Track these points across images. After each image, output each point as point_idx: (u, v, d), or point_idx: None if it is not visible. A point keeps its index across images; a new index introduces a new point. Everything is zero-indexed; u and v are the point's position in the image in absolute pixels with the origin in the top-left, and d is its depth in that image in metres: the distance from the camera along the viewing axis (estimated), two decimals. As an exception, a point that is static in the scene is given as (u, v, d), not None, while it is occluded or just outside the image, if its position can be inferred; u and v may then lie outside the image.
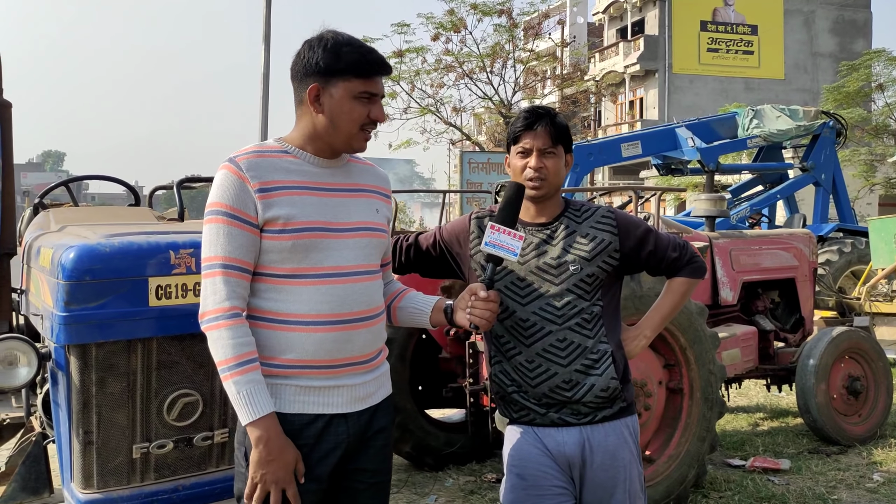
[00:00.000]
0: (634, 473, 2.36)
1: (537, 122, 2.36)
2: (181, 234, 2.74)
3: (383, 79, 2.12)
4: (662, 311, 2.52)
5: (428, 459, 5.19)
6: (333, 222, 2.07)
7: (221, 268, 1.99)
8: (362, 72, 2.04)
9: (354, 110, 2.05)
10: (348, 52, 2.04)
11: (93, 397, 2.60)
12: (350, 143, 2.10)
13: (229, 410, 2.81)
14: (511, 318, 2.35)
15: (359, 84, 2.04)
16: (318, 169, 2.11)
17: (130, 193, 4.56)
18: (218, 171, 2.05)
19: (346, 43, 2.06)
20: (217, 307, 1.97)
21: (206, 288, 2.00)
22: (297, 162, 2.09)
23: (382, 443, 2.20)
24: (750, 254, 5.76)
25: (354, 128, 2.07)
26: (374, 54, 2.08)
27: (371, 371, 2.15)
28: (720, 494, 4.61)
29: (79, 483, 2.67)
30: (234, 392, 1.96)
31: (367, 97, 2.06)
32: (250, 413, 1.95)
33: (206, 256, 2.02)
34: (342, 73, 2.03)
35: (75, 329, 2.53)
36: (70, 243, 2.61)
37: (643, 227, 2.44)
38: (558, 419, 2.32)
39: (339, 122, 2.06)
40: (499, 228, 2.22)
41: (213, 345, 1.98)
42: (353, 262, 2.09)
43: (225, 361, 1.96)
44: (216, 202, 2.01)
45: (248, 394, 1.95)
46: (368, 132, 2.10)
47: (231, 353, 1.95)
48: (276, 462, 1.96)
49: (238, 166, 2.01)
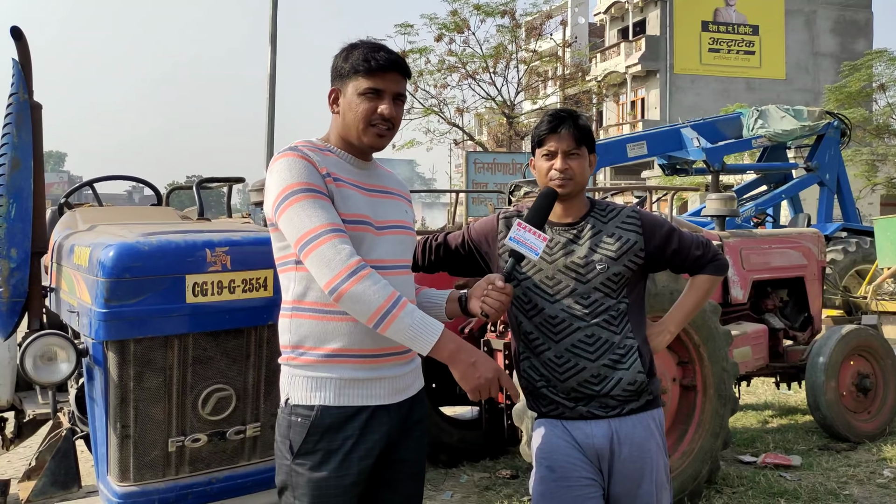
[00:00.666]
0: (661, 465, 2.42)
1: (561, 125, 2.43)
2: (216, 233, 2.81)
3: (410, 80, 2.23)
4: (686, 308, 2.59)
5: (442, 456, 5.25)
6: (375, 219, 2.15)
7: (331, 232, 1.98)
8: (364, 69, 2.13)
9: (359, 106, 2.14)
10: (356, 53, 2.15)
11: (130, 392, 2.66)
12: (361, 139, 2.17)
13: (261, 405, 2.88)
14: (540, 315, 2.42)
15: (363, 81, 2.14)
16: (358, 169, 2.21)
17: (149, 194, 4.62)
18: (278, 160, 2.09)
19: (354, 46, 2.18)
20: (347, 264, 1.96)
21: (324, 256, 1.97)
22: (339, 161, 2.18)
23: (419, 433, 2.27)
24: (760, 253, 5.82)
25: (361, 122, 2.14)
26: (380, 52, 2.16)
27: (408, 363, 2.22)
28: (733, 490, 4.67)
29: (115, 476, 2.73)
30: (403, 330, 1.97)
31: (373, 93, 2.14)
32: (431, 335, 1.99)
33: (305, 231, 1.99)
34: (350, 74, 2.15)
35: (114, 325, 2.59)
36: (108, 242, 2.67)
37: (667, 227, 2.51)
38: (587, 412, 2.39)
39: (349, 119, 2.16)
40: (526, 227, 2.28)
41: (357, 302, 1.96)
42: (393, 257, 2.17)
43: (378, 309, 1.96)
44: (293, 183, 2.03)
45: (418, 323, 1.98)
46: (380, 128, 2.16)
47: (382, 299, 1.96)
48: (479, 362, 2.02)
49: (302, 153, 2.09)
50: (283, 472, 2.12)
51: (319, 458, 2.07)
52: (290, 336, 2.13)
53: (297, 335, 2.11)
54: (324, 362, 2.09)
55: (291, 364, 2.14)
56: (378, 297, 1.96)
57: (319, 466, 2.07)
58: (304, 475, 2.08)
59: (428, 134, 24.71)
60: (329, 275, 1.97)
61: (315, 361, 2.09)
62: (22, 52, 3.25)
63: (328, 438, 2.08)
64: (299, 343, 2.11)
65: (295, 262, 2.11)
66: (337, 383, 2.09)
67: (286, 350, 2.15)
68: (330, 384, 2.09)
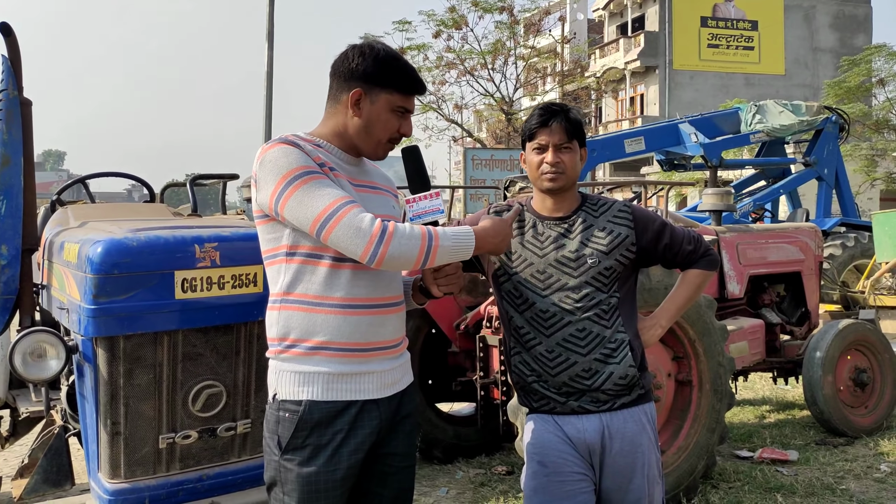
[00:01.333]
0: (653, 459, 2.42)
1: (552, 119, 2.42)
2: (205, 229, 2.79)
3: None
4: (678, 302, 2.58)
5: (437, 452, 5.24)
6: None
7: (346, 204, 1.96)
8: (405, 87, 2.15)
9: (390, 122, 2.16)
10: (397, 66, 2.15)
11: (120, 389, 2.65)
12: (376, 151, 2.20)
13: (252, 401, 2.87)
14: (531, 310, 2.41)
15: (399, 98, 2.15)
16: (350, 166, 2.20)
17: (133, 191, 4.61)
18: (268, 150, 2.05)
19: (395, 58, 2.17)
20: (373, 229, 1.93)
21: (349, 227, 1.93)
22: (329, 156, 2.16)
23: (410, 427, 2.26)
24: (757, 248, 5.80)
25: (385, 137, 2.17)
26: (417, 74, 2.20)
27: (397, 357, 2.22)
28: (730, 485, 4.66)
29: (106, 473, 2.72)
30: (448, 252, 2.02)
31: (402, 112, 2.17)
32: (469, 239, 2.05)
33: (322, 208, 1.95)
34: (386, 85, 2.13)
35: (103, 322, 2.58)
36: (97, 238, 2.66)
37: (659, 222, 2.50)
38: (578, 407, 2.38)
39: (374, 130, 2.16)
40: (414, 199, 2.18)
41: (399, 258, 1.96)
42: None
43: (420, 253, 1.97)
44: (293, 168, 2.00)
45: (454, 237, 2.02)
46: (393, 145, 2.21)
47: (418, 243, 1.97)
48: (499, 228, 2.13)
49: (293, 142, 2.07)
50: (272, 467, 2.11)
51: (309, 454, 2.07)
52: (277, 328, 2.12)
53: (284, 327, 2.10)
54: (311, 355, 2.08)
55: (279, 358, 2.13)
56: (414, 243, 1.97)
57: (309, 462, 2.06)
58: (294, 471, 2.07)
59: (426, 131, 24.69)
60: (361, 245, 1.94)
61: (302, 354, 2.08)
62: (11, 49, 3.24)
63: (317, 433, 2.07)
64: (286, 335, 2.10)
65: (286, 254, 2.09)
66: (325, 377, 2.08)
67: (273, 343, 2.14)
68: (318, 378, 2.08)
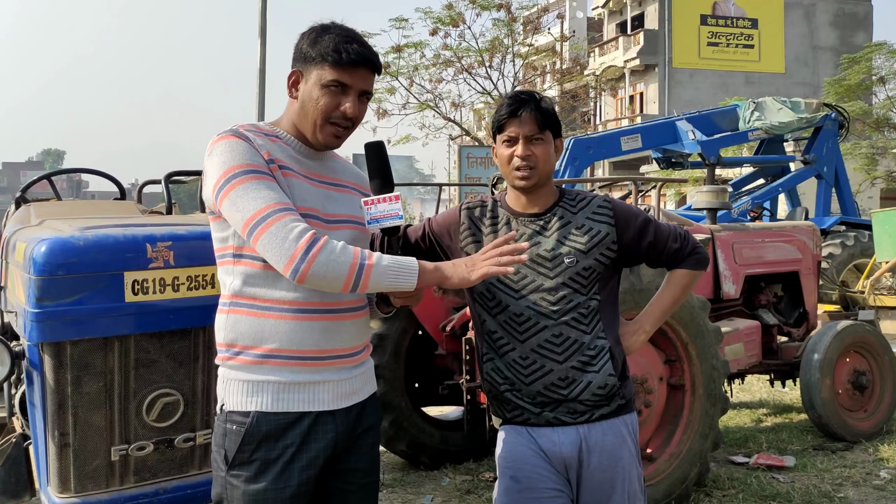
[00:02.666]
0: (634, 474, 2.25)
1: (521, 108, 2.24)
2: (160, 227, 2.63)
3: (379, 77, 2.05)
4: (663, 305, 2.41)
5: (423, 458, 5.09)
6: (323, 212, 1.99)
7: (280, 211, 1.82)
8: (333, 60, 1.95)
9: (321, 98, 1.97)
10: (327, 39, 1.97)
11: (68, 398, 2.50)
12: (315, 135, 2.01)
13: (212, 410, 2.71)
14: (504, 313, 2.25)
15: (330, 72, 1.96)
16: (306, 159, 2.05)
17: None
18: (217, 142, 1.92)
19: (330, 31, 1.99)
20: (301, 240, 1.80)
21: (276, 235, 1.80)
22: (286, 148, 2.01)
23: (372, 441, 2.11)
24: (753, 247, 5.65)
25: (319, 117, 1.98)
26: (353, 45, 1.97)
27: (357, 366, 2.06)
28: (724, 493, 4.50)
29: (55, 487, 2.57)
30: (383, 276, 1.85)
31: (337, 87, 1.97)
32: (411, 268, 1.89)
33: (253, 213, 1.82)
34: (316, 60, 1.97)
35: (49, 326, 2.42)
36: (43, 236, 2.50)
37: (642, 217, 2.33)
38: (553, 418, 2.22)
39: (307, 109, 1.99)
40: (372, 201, 2.01)
41: (324, 277, 1.81)
42: None
43: (350, 273, 1.82)
44: (234, 165, 1.87)
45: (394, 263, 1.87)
46: (339, 128, 2.00)
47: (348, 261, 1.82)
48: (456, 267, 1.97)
49: (242, 135, 1.93)
50: (219, 484, 1.96)
51: (256, 469, 1.91)
52: (225, 333, 1.97)
53: (232, 332, 1.95)
54: (260, 363, 1.92)
55: (227, 365, 1.97)
56: (343, 260, 1.81)
57: (256, 478, 1.91)
58: (240, 487, 1.92)
59: (423, 129, 24.52)
60: (285, 257, 1.80)
61: (251, 362, 1.93)
62: None
63: (266, 448, 1.92)
64: (234, 341, 1.95)
65: (233, 255, 1.95)
66: (275, 387, 1.92)
67: (221, 349, 1.99)
68: (267, 388, 1.92)
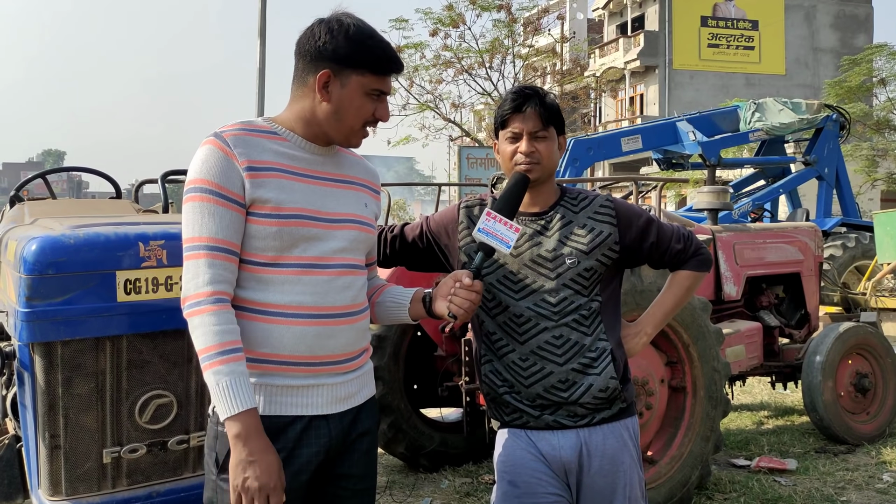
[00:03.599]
0: (635, 479, 2.21)
1: (526, 104, 2.20)
2: (152, 226, 2.58)
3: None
4: (665, 307, 2.37)
5: (423, 460, 5.05)
6: (321, 212, 1.93)
7: (206, 249, 1.82)
8: (379, 69, 1.92)
9: (364, 106, 1.94)
10: (370, 45, 1.91)
11: (59, 399, 2.44)
12: (349, 139, 1.99)
13: (205, 413, 2.66)
14: (504, 314, 2.20)
15: (373, 80, 1.93)
16: (308, 155, 1.98)
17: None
18: (201, 146, 1.89)
19: (369, 35, 1.93)
20: (199, 291, 1.80)
21: (188, 271, 1.83)
22: (286, 145, 1.95)
23: (367, 447, 2.05)
24: (754, 248, 5.60)
25: (358, 123, 1.96)
26: (393, 51, 1.96)
27: (353, 371, 2.00)
28: (725, 496, 4.46)
29: (46, 490, 2.52)
30: (213, 383, 1.78)
31: (377, 95, 1.95)
32: (230, 406, 1.77)
33: (188, 237, 1.84)
34: (358, 66, 1.90)
35: (39, 326, 2.37)
36: (34, 235, 2.45)
37: (644, 217, 2.29)
38: (553, 422, 2.17)
39: (345, 115, 1.93)
40: (496, 217, 2.06)
41: (195, 332, 1.81)
42: (339, 255, 1.95)
43: (206, 349, 1.79)
44: (199, 178, 1.84)
45: (229, 385, 1.77)
46: (368, 130, 2.00)
47: (213, 341, 1.78)
48: (257, 463, 1.77)
49: (225, 142, 1.87)
50: (210, 487, 1.92)
51: None
52: None
53: None
54: (252, 367, 1.87)
55: None
56: (210, 338, 1.79)
57: None
58: (229, 492, 1.87)
59: (423, 130, 24.49)
60: (184, 293, 1.84)
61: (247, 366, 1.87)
62: None
63: None
64: None
65: None
66: (268, 390, 1.88)
67: None
68: (260, 391, 1.88)
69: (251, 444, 1.77)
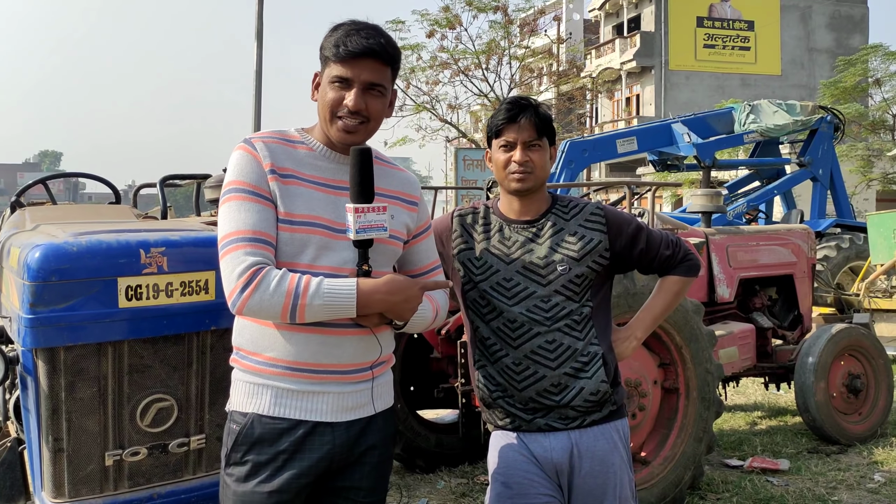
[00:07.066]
0: (625, 479, 2.26)
1: (521, 114, 2.25)
2: (153, 233, 2.63)
3: (395, 67, 2.02)
4: (654, 312, 2.43)
5: (419, 461, 5.09)
6: (337, 222, 1.94)
7: (244, 241, 1.85)
8: (337, 55, 1.94)
9: (327, 95, 1.96)
10: (333, 35, 1.96)
11: (62, 403, 2.49)
12: (329, 132, 1.99)
13: (206, 415, 2.71)
14: (498, 319, 2.26)
15: (335, 68, 1.95)
16: (332, 164, 2.01)
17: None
18: (233, 152, 1.96)
19: (338, 26, 1.98)
20: (242, 276, 1.82)
21: (227, 265, 1.84)
22: (311, 154, 2.00)
23: (377, 460, 2.04)
24: (747, 250, 5.66)
25: (326, 113, 1.97)
26: (354, 36, 1.93)
27: (363, 381, 1.99)
28: (717, 496, 4.51)
29: (49, 492, 2.57)
30: (319, 310, 1.83)
31: (341, 82, 1.94)
32: (348, 298, 1.84)
33: (224, 234, 1.88)
34: (326, 58, 1.98)
35: (42, 332, 2.41)
36: (37, 242, 2.50)
37: (634, 225, 2.34)
38: (545, 424, 2.23)
39: (320, 109, 1.99)
40: (364, 209, 1.89)
41: (260, 311, 1.83)
42: (351, 266, 1.94)
43: (284, 308, 1.81)
44: (234, 181, 1.91)
45: (331, 293, 1.83)
46: (347, 122, 1.94)
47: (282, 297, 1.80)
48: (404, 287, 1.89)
49: (252, 146, 1.94)
50: (221, 480, 2.00)
51: (247, 471, 1.93)
52: (234, 337, 2.03)
53: (239, 337, 2.00)
54: (261, 370, 1.93)
55: (235, 367, 2.01)
56: (275, 300, 1.81)
57: (245, 479, 1.93)
58: (230, 487, 1.95)
59: (420, 131, 24.53)
60: (228, 289, 1.85)
61: (253, 368, 1.95)
62: None
63: (257, 451, 1.93)
64: (241, 346, 1.99)
65: None
66: (275, 391, 1.93)
67: (234, 351, 2.03)
68: (267, 392, 1.93)
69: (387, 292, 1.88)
